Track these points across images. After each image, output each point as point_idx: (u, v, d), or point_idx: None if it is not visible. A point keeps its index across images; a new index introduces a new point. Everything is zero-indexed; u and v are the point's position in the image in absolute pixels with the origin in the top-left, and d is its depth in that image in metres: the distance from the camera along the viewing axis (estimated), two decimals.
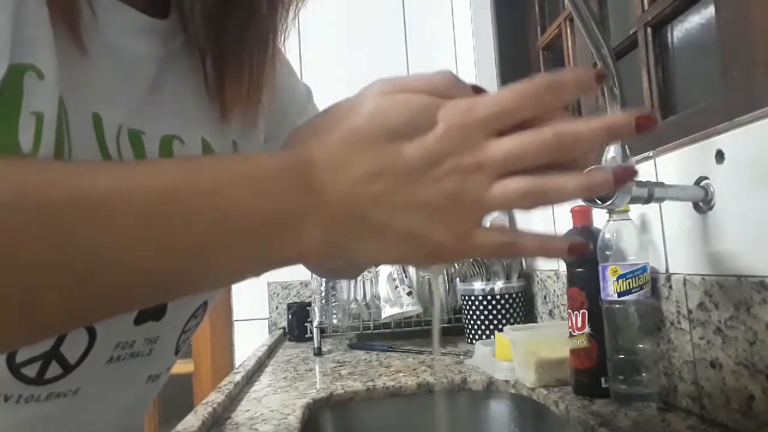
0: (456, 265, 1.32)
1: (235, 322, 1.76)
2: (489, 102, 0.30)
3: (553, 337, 0.85)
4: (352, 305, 1.42)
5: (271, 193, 0.29)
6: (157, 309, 0.42)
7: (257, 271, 0.31)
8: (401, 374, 1.00)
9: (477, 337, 1.22)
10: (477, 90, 0.33)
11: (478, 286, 1.22)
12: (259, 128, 0.51)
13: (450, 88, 0.32)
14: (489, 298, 1.21)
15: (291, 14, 0.47)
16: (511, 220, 1.36)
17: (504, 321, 1.19)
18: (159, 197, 0.27)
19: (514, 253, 0.32)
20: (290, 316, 1.54)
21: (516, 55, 1.53)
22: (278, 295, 1.74)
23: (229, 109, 0.46)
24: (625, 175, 0.31)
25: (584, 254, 0.33)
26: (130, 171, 0.28)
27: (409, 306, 1.31)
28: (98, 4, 0.36)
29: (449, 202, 0.30)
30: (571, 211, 0.83)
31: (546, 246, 0.32)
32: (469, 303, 1.24)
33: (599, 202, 0.56)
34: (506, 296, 1.20)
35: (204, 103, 0.45)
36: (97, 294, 0.27)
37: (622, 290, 0.69)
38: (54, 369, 0.37)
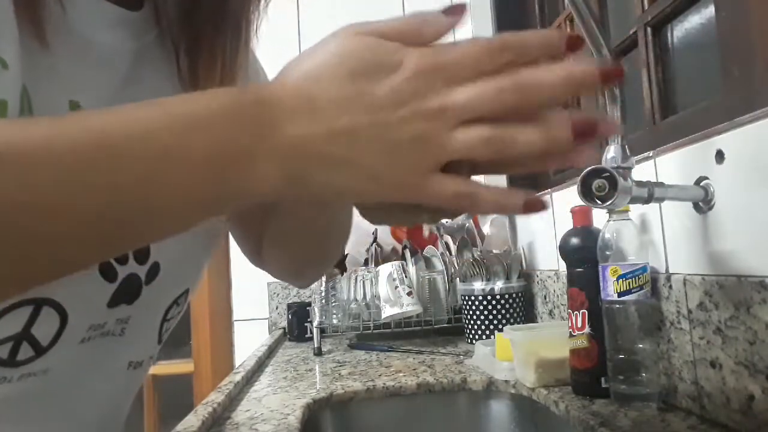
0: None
1: (235, 322, 1.76)
2: (456, 51, 0.30)
3: (553, 337, 0.85)
4: (352, 305, 1.42)
5: (214, 130, 0.29)
6: (130, 292, 0.42)
7: (215, 210, 0.31)
8: (401, 374, 1.00)
9: (477, 337, 1.22)
10: (450, 11, 0.32)
11: (478, 286, 1.22)
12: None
13: (418, 30, 0.32)
14: (489, 298, 1.21)
15: (263, 2, 0.47)
16: (511, 220, 1.36)
17: (504, 321, 1.19)
18: (88, 143, 0.27)
19: (470, 204, 0.32)
20: (290, 316, 1.54)
21: None
22: (278, 295, 1.74)
23: (206, 60, 0.46)
24: (587, 128, 0.31)
25: (540, 210, 0.31)
26: (60, 121, 0.28)
27: (409, 306, 1.31)
28: None
29: (412, 142, 0.30)
30: (571, 212, 0.83)
31: (502, 201, 0.32)
32: (469, 303, 1.24)
33: (599, 202, 0.56)
34: (506, 296, 1.20)
35: (177, 92, 0.45)
36: (38, 251, 0.26)
37: (622, 290, 0.69)
38: (26, 350, 0.37)
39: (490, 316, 1.21)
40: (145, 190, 0.28)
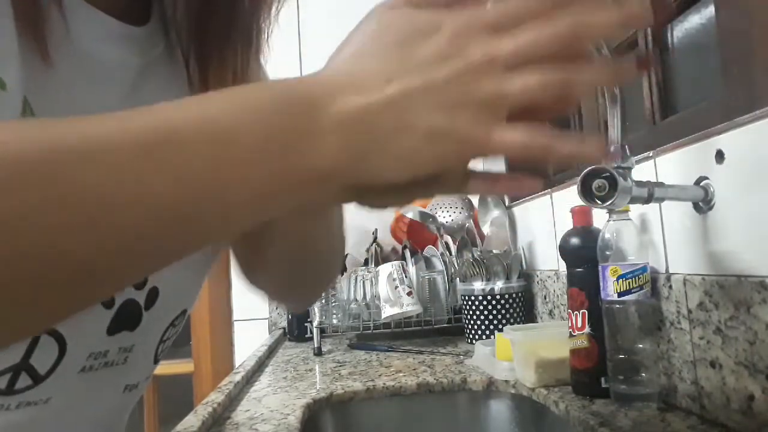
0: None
1: (235, 322, 1.77)
2: (496, 6, 0.31)
3: (553, 337, 0.85)
4: (352, 305, 1.42)
5: (270, 112, 0.29)
6: (132, 317, 0.41)
7: (281, 198, 0.30)
8: (401, 374, 1.00)
9: (477, 337, 1.22)
10: None
11: (478, 286, 1.22)
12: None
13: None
14: (489, 298, 1.21)
15: (274, 10, 0.47)
16: (511, 220, 1.36)
17: (504, 321, 1.19)
18: (153, 132, 0.26)
19: (546, 154, 0.31)
20: (290, 316, 1.54)
21: None
22: None
23: (216, 72, 0.45)
24: (647, 62, 0.31)
25: (608, 156, 0.32)
26: (116, 117, 0.27)
27: (409, 306, 1.31)
28: (71, 11, 0.36)
29: (467, 97, 0.29)
30: (571, 211, 0.83)
31: (582, 149, 0.31)
32: (469, 303, 1.24)
33: (599, 202, 0.56)
34: (506, 296, 1.20)
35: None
36: (114, 243, 0.25)
37: (622, 290, 0.69)
38: (24, 380, 0.36)
39: (490, 316, 1.21)
40: (209, 177, 0.27)
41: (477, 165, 0.33)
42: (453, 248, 1.38)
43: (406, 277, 1.35)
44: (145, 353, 0.45)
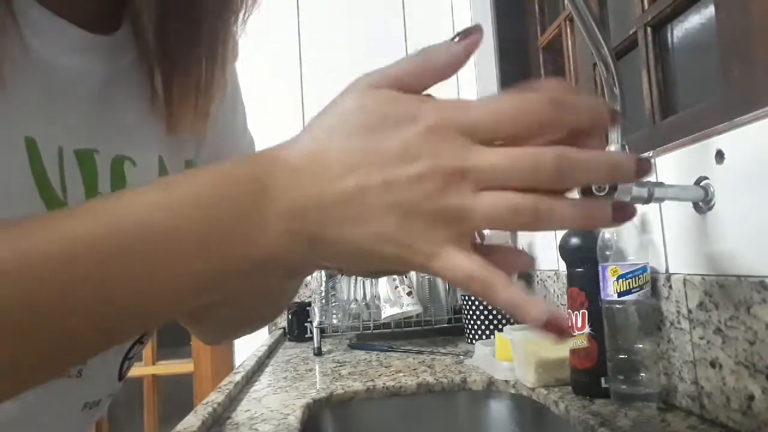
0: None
1: None
2: (482, 107, 0.28)
3: None
4: (352, 305, 1.42)
5: (208, 207, 0.28)
6: None
7: (221, 287, 0.30)
8: (401, 374, 1.00)
9: (477, 337, 1.22)
10: (465, 35, 0.29)
11: None
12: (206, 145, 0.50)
13: (431, 66, 0.29)
14: None
15: (241, 19, 0.46)
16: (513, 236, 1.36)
17: (504, 321, 1.19)
18: (85, 239, 0.26)
19: (482, 294, 0.28)
20: (290, 316, 1.54)
21: (516, 55, 1.53)
22: None
23: (177, 122, 0.44)
24: (626, 215, 0.29)
25: (563, 334, 0.27)
26: (46, 223, 0.27)
27: (409, 306, 1.31)
28: (31, 23, 0.35)
29: (427, 205, 0.27)
30: None
31: (521, 308, 0.27)
32: (469, 303, 1.24)
33: None
34: None
35: (153, 119, 0.44)
36: (43, 350, 0.26)
37: (622, 290, 0.69)
38: None
39: (490, 316, 1.21)
40: (140, 281, 0.27)
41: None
42: None
43: (406, 277, 1.35)
44: (105, 370, 0.44)
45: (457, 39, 0.29)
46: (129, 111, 0.43)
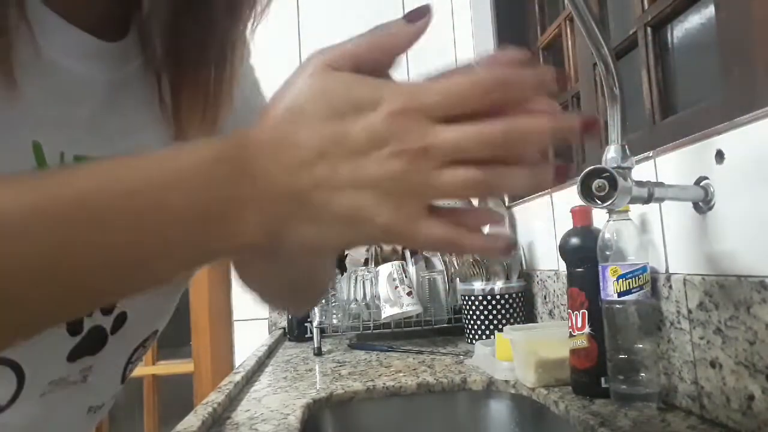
0: (456, 263, 1.32)
1: (235, 322, 1.76)
2: (438, 89, 0.29)
3: (553, 337, 0.85)
4: (352, 305, 1.42)
5: (198, 186, 0.29)
6: (94, 343, 0.40)
7: (198, 264, 0.32)
8: (401, 374, 1.00)
9: (477, 337, 1.22)
10: (411, 17, 0.32)
11: (478, 286, 1.22)
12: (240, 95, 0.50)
13: (386, 43, 0.31)
14: (489, 298, 1.21)
15: (249, 27, 0.46)
16: (511, 220, 1.36)
17: (504, 321, 1.19)
18: (69, 206, 0.27)
19: (457, 249, 0.32)
20: (290, 316, 1.54)
21: None
22: None
23: (184, 129, 0.44)
24: (564, 171, 0.32)
25: (508, 253, 0.32)
26: (40, 182, 0.28)
27: (409, 306, 1.31)
28: (42, 28, 0.35)
29: (394, 184, 0.29)
30: (571, 211, 0.83)
31: (488, 247, 0.32)
32: (469, 303, 1.24)
33: (599, 202, 0.56)
34: (506, 296, 1.20)
35: (159, 126, 0.44)
36: (17, 314, 0.27)
37: (622, 290, 0.69)
38: None
39: (490, 316, 1.21)
40: (128, 251, 0.28)
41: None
42: None
43: (406, 277, 1.35)
44: (109, 374, 0.44)
45: (407, 19, 0.32)
46: (132, 116, 0.43)
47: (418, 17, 0.31)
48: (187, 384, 1.76)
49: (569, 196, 1.00)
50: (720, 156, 0.61)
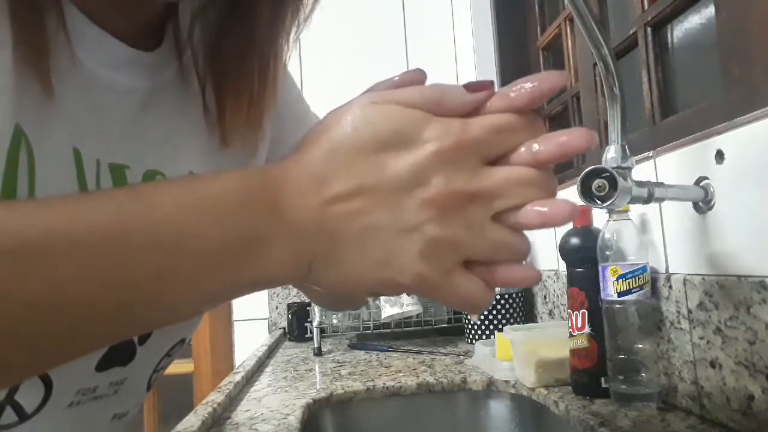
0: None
1: (235, 322, 1.76)
2: (485, 124, 0.28)
3: (553, 337, 0.85)
4: None
5: (227, 217, 0.27)
6: (124, 354, 0.40)
7: (226, 297, 0.30)
8: (401, 374, 1.00)
9: (477, 337, 1.22)
10: (473, 88, 0.30)
11: None
12: (258, 156, 0.49)
13: (438, 103, 0.29)
14: None
15: (293, 35, 0.45)
16: None
17: (504, 321, 1.19)
18: (98, 234, 0.25)
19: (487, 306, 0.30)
20: (290, 316, 1.54)
21: (516, 55, 1.53)
22: (278, 295, 1.74)
23: (229, 136, 0.44)
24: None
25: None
26: (73, 206, 0.26)
27: (409, 306, 1.31)
28: (79, 36, 0.35)
29: (434, 231, 0.27)
30: None
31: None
32: None
33: (599, 202, 0.56)
34: (506, 296, 1.20)
35: (198, 134, 0.44)
36: (45, 344, 0.25)
37: (622, 290, 0.69)
38: (9, 416, 0.35)
39: (490, 316, 1.21)
40: (158, 283, 0.26)
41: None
42: None
43: None
44: (137, 384, 0.44)
45: (469, 87, 0.30)
46: (169, 124, 0.42)
47: (479, 89, 0.30)
48: (187, 384, 1.76)
49: (569, 196, 1.00)
50: (720, 156, 0.61)
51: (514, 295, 1.21)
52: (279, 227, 0.27)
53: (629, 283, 0.69)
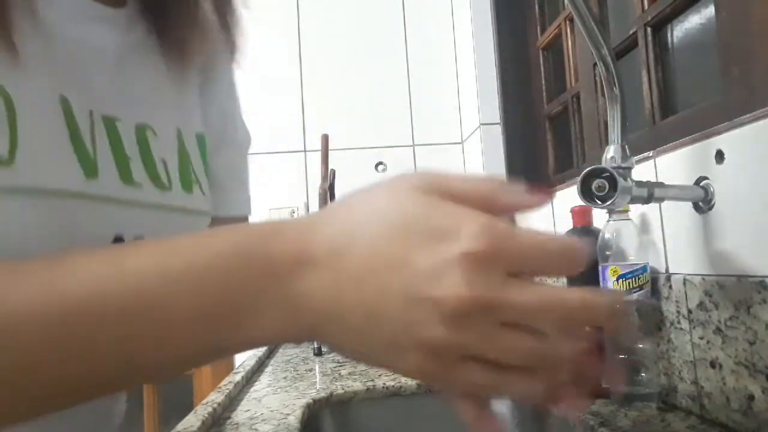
0: None
1: None
2: (532, 243, 0.27)
3: None
4: None
5: (219, 277, 0.27)
6: None
7: (209, 360, 0.30)
8: None
9: None
10: (534, 190, 0.29)
11: None
12: (218, 86, 0.53)
13: (492, 198, 0.28)
14: None
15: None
16: (511, 220, 1.36)
17: None
18: (75, 307, 0.26)
19: (496, 393, 0.30)
20: None
21: (516, 55, 1.53)
22: None
23: (190, 60, 0.46)
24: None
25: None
26: (47, 277, 0.26)
27: None
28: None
29: (442, 333, 0.26)
30: (571, 211, 0.83)
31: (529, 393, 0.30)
32: None
33: (599, 202, 0.56)
34: None
35: (169, 93, 0.46)
36: (13, 410, 0.26)
37: (622, 290, 0.69)
38: None
39: None
40: (131, 352, 0.27)
41: None
42: None
43: None
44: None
45: (530, 189, 0.29)
46: (144, 84, 0.44)
47: (540, 194, 0.28)
48: (187, 384, 1.76)
49: (569, 196, 1.00)
50: (720, 156, 0.61)
51: None
52: (272, 295, 0.27)
53: (629, 283, 0.69)
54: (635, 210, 0.74)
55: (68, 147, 0.35)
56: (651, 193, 0.59)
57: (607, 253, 0.71)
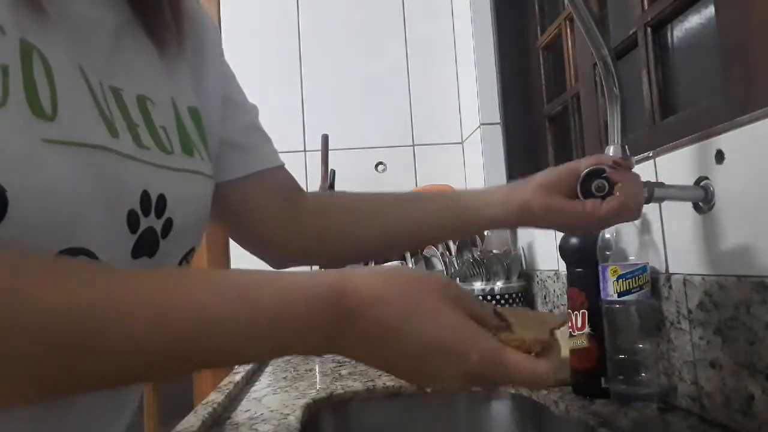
0: (457, 268, 1.32)
1: None
2: (510, 366, 0.38)
3: None
4: None
5: (294, 324, 0.35)
6: (150, 245, 0.43)
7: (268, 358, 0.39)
8: None
9: None
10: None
11: (478, 286, 1.22)
12: (208, 58, 0.55)
13: (489, 322, 0.40)
14: (489, 298, 1.21)
15: None
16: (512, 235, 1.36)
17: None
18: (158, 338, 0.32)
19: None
20: None
21: (516, 55, 1.53)
22: None
23: (171, 42, 0.48)
24: None
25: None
26: (156, 303, 0.32)
27: None
28: None
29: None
30: None
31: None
32: None
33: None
34: (506, 296, 1.20)
35: (162, 68, 0.48)
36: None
37: (622, 290, 0.69)
38: None
39: None
40: (209, 363, 0.35)
41: None
42: (453, 248, 1.38)
43: None
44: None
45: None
46: (139, 59, 0.46)
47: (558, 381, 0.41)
48: (187, 384, 1.76)
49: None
50: (720, 156, 0.61)
51: (514, 296, 1.21)
52: (325, 342, 0.36)
53: (629, 283, 0.69)
54: None
55: (94, 108, 0.38)
56: (651, 193, 0.60)
57: (608, 253, 0.71)
